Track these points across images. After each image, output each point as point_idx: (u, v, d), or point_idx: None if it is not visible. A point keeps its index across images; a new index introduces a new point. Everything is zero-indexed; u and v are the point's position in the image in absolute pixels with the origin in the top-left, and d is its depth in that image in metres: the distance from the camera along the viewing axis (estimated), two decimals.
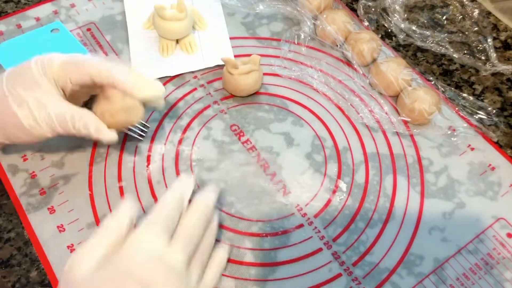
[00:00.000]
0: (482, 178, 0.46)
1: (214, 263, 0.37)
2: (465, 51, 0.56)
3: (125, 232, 0.32)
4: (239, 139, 0.47)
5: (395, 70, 0.49)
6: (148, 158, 0.45)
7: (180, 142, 0.47)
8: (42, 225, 0.41)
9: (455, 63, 0.55)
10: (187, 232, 0.34)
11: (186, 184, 0.37)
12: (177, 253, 0.32)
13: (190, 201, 0.36)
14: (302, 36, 0.54)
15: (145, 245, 0.31)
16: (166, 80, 0.51)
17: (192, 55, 0.53)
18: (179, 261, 0.32)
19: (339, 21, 0.53)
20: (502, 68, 0.53)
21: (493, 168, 0.47)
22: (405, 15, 0.58)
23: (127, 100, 0.39)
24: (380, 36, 0.57)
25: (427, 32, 0.56)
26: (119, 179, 0.44)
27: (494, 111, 0.50)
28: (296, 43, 0.54)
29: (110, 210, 0.42)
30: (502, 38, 0.58)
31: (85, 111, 0.38)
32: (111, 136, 0.39)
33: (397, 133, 0.49)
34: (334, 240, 0.42)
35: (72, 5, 0.56)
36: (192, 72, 0.52)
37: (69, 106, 0.38)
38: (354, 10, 0.59)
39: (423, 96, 0.47)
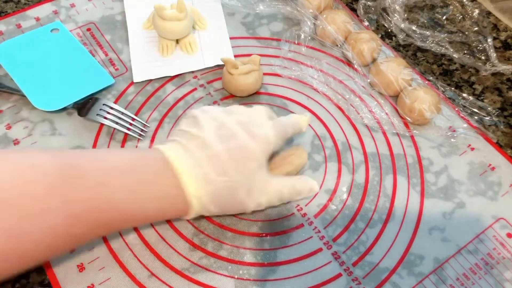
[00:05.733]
0: (482, 178, 0.46)
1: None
2: (465, 51, 0.56)
3: None
4: None
5: (395, 70, 0.49)
6: None
7: None
8: None
9: (455, 63, 0.55)
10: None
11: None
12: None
13: None
14: (302, 36, 0.54)
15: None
16: (166, 80, 0.51)
17: (192, 55, 0.53)
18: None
19: (339, 21, 0.53)
20: (502, 68, 0.53)
21: (493, 168, 0.47)
22: (405, 15, 0.58)
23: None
24: (380, 36, 0.57)
25: (427, 32, 0.56)
26: None
27: (494, 111, 0.50)
28: (296, 43, 0.54)
29: None
30: (502, 38, 0.58)
31: (293, 179, 0.40)
32: (316, 189, 0.41)
33: (397, 133, 0.49)
34: (334, 240, 0.42)
35: (72, 5, 0.56)
36: (192, 72, 0.52)
37: (283, 181, 0.39)
38: (354, 10, 0.59)
39: (423, 96, 0.47)
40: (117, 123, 0.47)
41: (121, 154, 0.36)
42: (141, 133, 0.47)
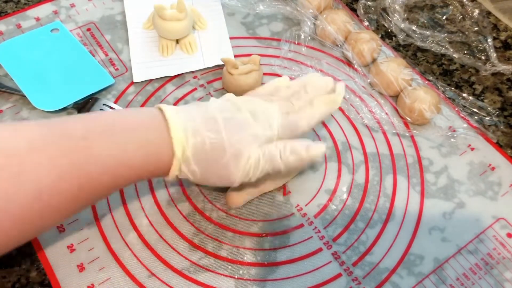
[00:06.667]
0: (482, 178, 0.46)
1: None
2: (465, 51, 0.56)
3: None
4: None
5: (395, 70, 0.49)
6: None
7: None
8: None
9: (455, 63, 0.55)
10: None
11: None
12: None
13: None
14: (302, 36, 0.54)
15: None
16: (166, 80, 0.51)
17: (192, 55, 0.53)
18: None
19: (339, 21, 0.53)
20: (502, 68, 0.53)
21: (493, 168, 0.47)
22: (405, 15, 0.58)
23: None
24: (380, 36, 0.57)
25: (427, 32, 0.56)
26: None
27: (494, 111, 0.50)
28: (296, 43, 0.54)
29: (110, 210, 0.42)
30: (502, 38, 0.58)
31: (284, 140, 0.37)
32: (321, 147, 0.36)
33: (397, 133, 0.49)
34: (334, 240, 0.42)
35: (72, 5, 0.56)
36: (192, 72, 0.52)
37: (276, 143, 0.36)
38: (354, 10, 0.59)
39: (423, 96, 0.47)
40: None
41: (110, 112, 0.36)
42: None
